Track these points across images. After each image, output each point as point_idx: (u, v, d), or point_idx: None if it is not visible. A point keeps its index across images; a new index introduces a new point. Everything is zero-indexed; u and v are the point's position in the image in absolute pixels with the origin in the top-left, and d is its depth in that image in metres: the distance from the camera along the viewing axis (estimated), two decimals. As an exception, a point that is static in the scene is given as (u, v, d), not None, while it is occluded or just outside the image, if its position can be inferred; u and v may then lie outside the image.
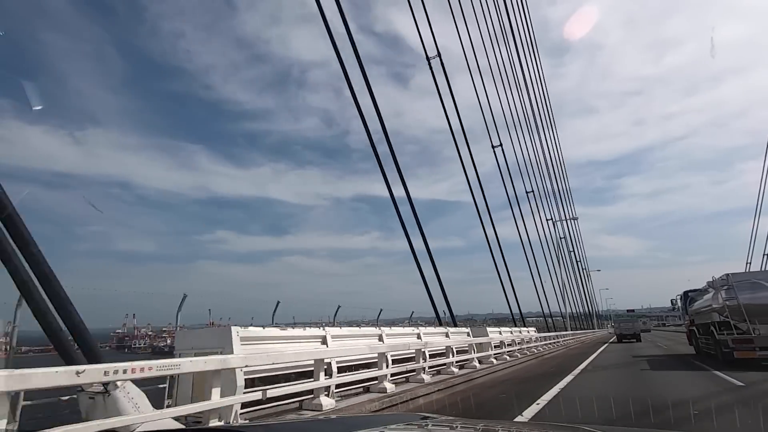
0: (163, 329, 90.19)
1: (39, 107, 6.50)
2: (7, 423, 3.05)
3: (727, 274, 13.18)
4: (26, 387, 2.96)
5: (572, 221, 50.92)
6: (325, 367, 5.86)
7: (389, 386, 7.21)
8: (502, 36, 25.98)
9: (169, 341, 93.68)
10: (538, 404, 6.84)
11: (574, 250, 50.87)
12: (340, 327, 7.82)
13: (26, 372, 2.83)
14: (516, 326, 20.74)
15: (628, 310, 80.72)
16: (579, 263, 52.05)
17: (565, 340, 27.76)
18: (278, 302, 10.16)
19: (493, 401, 7.68)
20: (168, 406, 4.92)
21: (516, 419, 5.65)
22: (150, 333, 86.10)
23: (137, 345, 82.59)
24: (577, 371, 12.05)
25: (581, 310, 51.97)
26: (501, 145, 22.11)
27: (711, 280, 14.60)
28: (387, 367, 7.34)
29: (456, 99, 16.84)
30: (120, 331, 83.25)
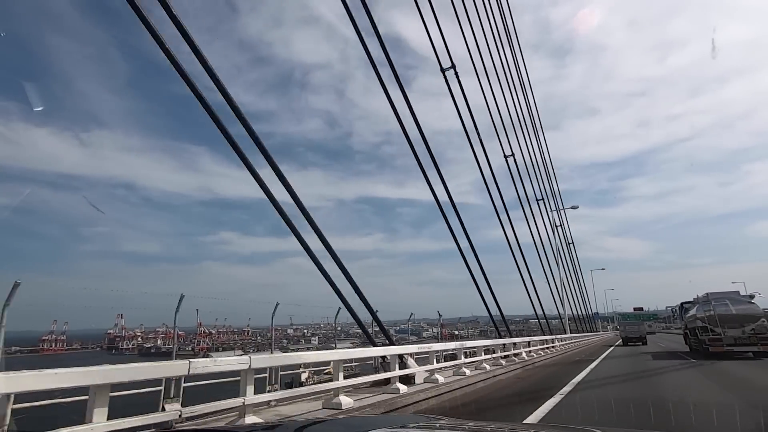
0: (157, 329, 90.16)
1: (40, 108, 6.61)
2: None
3: (707, 293, 19.46)
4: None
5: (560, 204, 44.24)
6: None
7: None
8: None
9: (160, 342, 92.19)
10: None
11: (570, 244, 44.80)
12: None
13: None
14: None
15: (635, 308, 76.50)
16: (569, 245, 45.21)
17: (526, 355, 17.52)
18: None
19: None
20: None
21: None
22: (139, 334, 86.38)
23: (125, 346, 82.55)
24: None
25: (578, 312, 43.73)
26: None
27: (696, 296, 21.12)
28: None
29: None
30: (112, 331, 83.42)
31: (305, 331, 78.18)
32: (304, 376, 14.97)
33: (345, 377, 6.75)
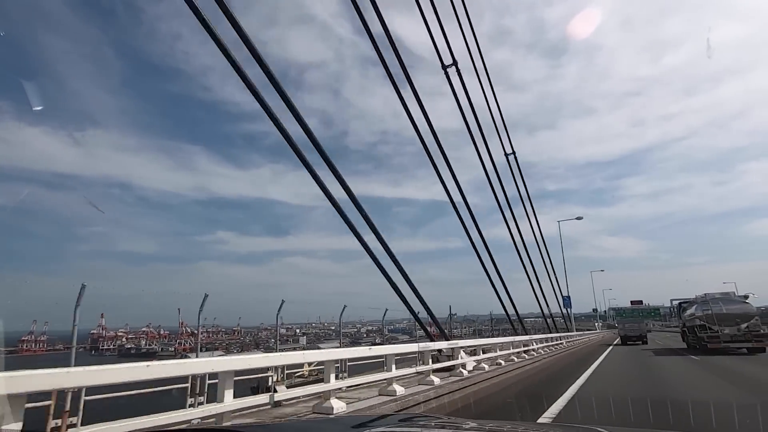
0: (143, 329, 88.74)
1: (39, 108, 6.59)
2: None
3: (705, 294, 21.80)
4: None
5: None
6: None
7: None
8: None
9: (143, 343, 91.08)
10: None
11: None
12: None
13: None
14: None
15: (633, 302, 68.13)
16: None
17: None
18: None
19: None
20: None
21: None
22: (121, 334, 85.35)
23: (105, 347, 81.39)
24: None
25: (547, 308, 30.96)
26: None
27: (695, 297, 23.37)
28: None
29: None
30: (95, 331, 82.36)
31: (297, 330, 78.00)
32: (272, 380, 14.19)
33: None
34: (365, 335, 66.50)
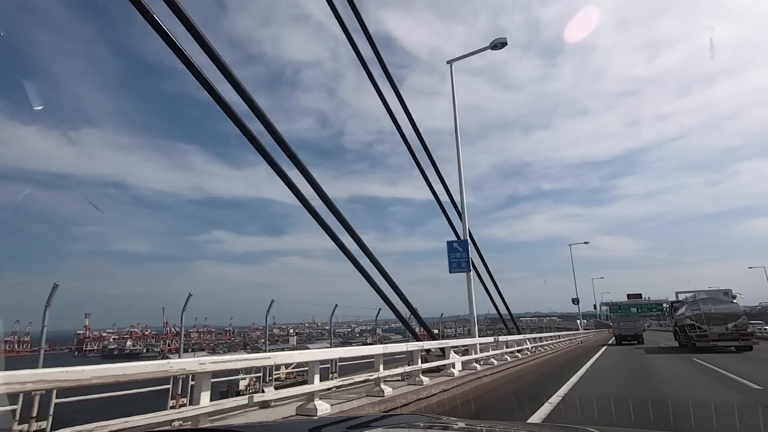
0: (128, 330, 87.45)
1: (40, 107, 6.57)
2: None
3: (695, 294, 23.47)
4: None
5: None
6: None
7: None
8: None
9: (129, 343, 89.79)
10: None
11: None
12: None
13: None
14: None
15: (630, 296, 59.82)
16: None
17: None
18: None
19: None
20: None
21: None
22: (105, 335, 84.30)
23: (89, 348, 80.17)
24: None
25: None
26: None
27: (685, 296, 25.14)
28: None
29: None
30: (81, 332, 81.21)
31: (291, 329, 77.82)
32: (243, 384, 13.91)
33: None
34: (358, 335, 66.59)
